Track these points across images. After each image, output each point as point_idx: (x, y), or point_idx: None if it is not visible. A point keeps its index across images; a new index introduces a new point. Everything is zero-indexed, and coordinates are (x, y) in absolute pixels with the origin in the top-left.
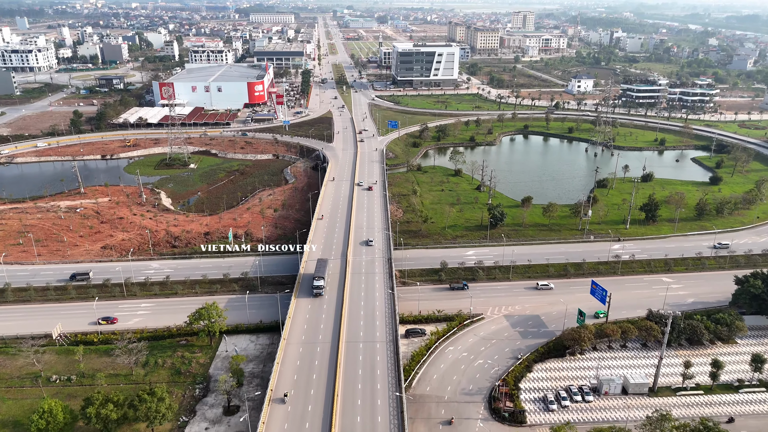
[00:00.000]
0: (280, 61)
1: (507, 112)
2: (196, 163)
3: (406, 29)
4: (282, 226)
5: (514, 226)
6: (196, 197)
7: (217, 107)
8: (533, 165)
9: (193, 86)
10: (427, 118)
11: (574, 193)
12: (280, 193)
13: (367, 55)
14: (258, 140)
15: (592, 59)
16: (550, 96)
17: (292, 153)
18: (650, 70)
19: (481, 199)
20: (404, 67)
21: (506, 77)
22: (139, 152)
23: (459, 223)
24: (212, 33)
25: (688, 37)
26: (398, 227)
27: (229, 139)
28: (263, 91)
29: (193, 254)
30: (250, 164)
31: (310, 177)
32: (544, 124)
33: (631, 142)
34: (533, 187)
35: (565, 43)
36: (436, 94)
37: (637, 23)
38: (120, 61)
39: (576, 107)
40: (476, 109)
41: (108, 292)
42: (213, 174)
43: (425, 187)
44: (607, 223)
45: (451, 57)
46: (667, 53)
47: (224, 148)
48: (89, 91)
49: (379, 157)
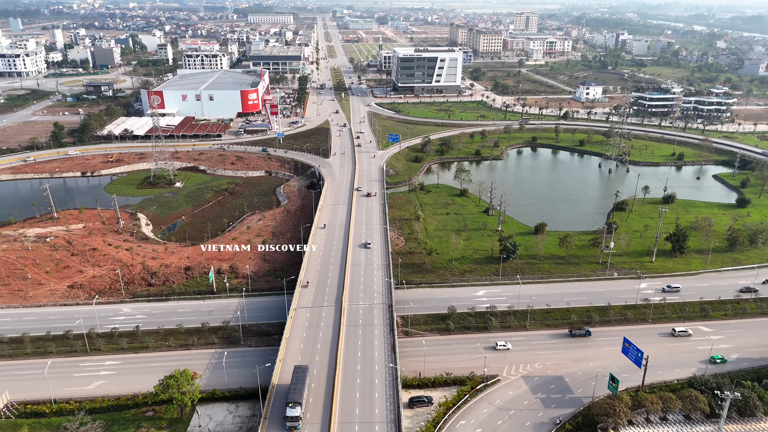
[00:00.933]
0: (277, 66)
1: (514, 122)
2: (183, 180)
3: (406, 30)
4: (271, 259)
5: (527, 258)
6: (180, 222)
7: (209, 117)
8: (544, 183)
9: (183, 95)
10: (429, 128)
11: (590, 216)
12: (271, 217)
13: (367, 59)
14: (250, 155)
15: (599, 63)
16: (558, 104)
17: (285, 169)
18: (660, 76)
19: (489, 224)
20: (405, 73)
21: (511, 83)
22: (123, 168)
23: (467, 254)
24: (209, 35)
25: (694, 39)
26: (400, 259)
27: (219, 153)
28: (257, 99)
29: (170, 295)
30: (241, 182)
31: (304, 198)
32: (553, 135)
33: (647, 157)
34: (546, 210)
35: (569, 45)
36: (439, 102)
37: (641, 24)
38: (111, 65)
39: (586, 116)
40: (481, 118)
41: (68, 346)
42: (200, 194)
43: (429, 209)
44: (630, 254)
45: (454, 62)
46: (675, 57)
47: (213, 163)
48: (76, 99)
49: (379, 175)
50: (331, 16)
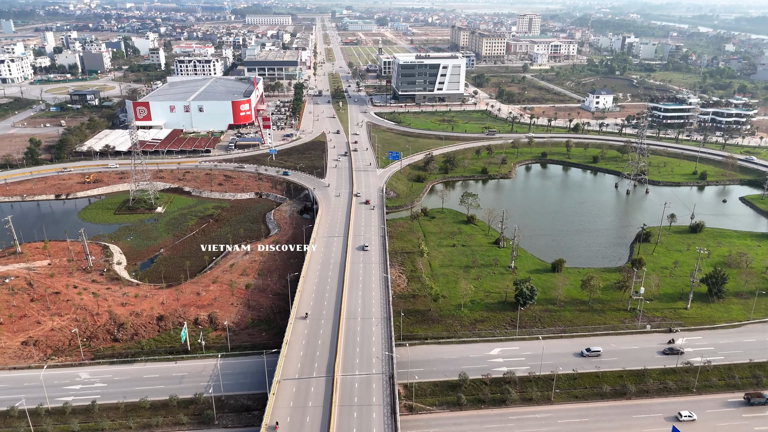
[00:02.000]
0: (273, 72)
1: (521, 135)
2: (165, 204)
3: (406, 32)
4: (256, 305)
5: (546, 303)
6: (158, 256)
7: (199, 129)
8: (557, 207)
9: (171, 106)
10: (432, 142)
11: (611, 249)
12: (259, 251)
13: (366, 63)
14: (239, 174)
15: (605, 68)
16: (566, 114)
17: (277, 191)
18: (671, 82)
19: (501, 259)
20: (406, 81)
21: (516, 90)
22: (101, 190)
23: (478, 298)
24: (204, 37)
25: (700, 42)
26: (402, 304)
27: (207, 172)
28: (250, 110)
29: (137, 355)
30: (228, 206)
31: (296, 226)
32: (563, 150)
33: (666, 175)
34: (562, 241)
35: (575, 49)
36: (441, 111)
37: (645, 26)
38: (101, 71)
39: (597, 129)
40: (486, 130)
41: (10, 427)
42: (182, 221)
43: (433, 240)
44: (662, 298)
45: (457, 69)
46: (685, 61)
47: (199, 184)
48: (60, 109)
49: (378, 199)
50: (330, 16)
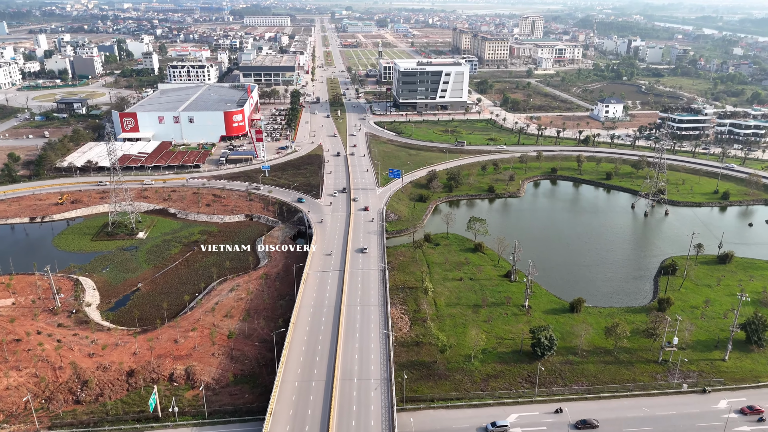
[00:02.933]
0: (269, 77)
1: (529, 148)
2: (148, 229)
3: (407, 34)
4: (240, 356)
5: (566, 353)
6: (136, 292)
7: (189, 141)
8: (570, 231)
9: (160, 116)
10: (434, 155)
11: (633, 283)
12: (246, 287)
13: (366, 68)
14: (229, 193)
15: (612, 72)
16: (575, 124)
17: (269, 213)
18: (681, 88)
19: (514, 296)
20: (407, 89)
21: (520, 96)
22: (81, 211)
23: (489, 346)
24: (201, 39)
25: (706, 45)
26: (404, 354)
27: (195, 190)
28: (243, 121)
29: (100, 424)
30: (215, 230)
31: (288, 255)
32: (574, 165)
33: (685, 194)
34: (579, 274)
35: (579, 53)
36: (444, 121)
37: (649, 28)
38: (92, 76)
39: (609, 141)
40: (491, 142)
41: None
42: (165, 248)
43: (438, 272)
44: (695, 347)
45: (460, 77)
46: (693, 66)
47: (186, 205)
48: (45, 118)
49: (378, 224)
50: (329, 17)
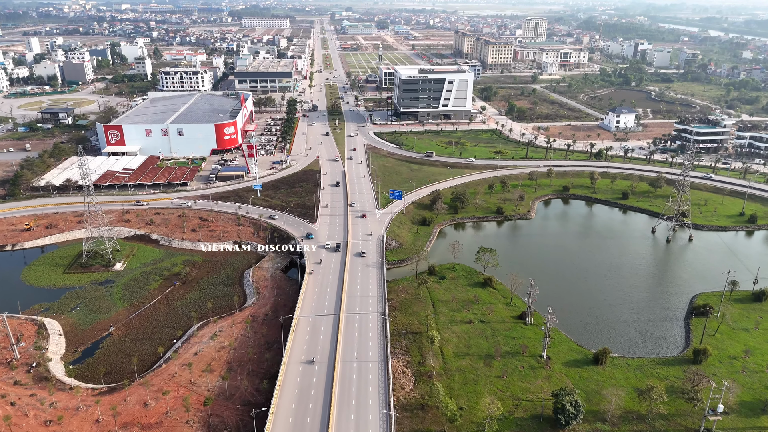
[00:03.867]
0: (265, 84)
1: (538, 163)
2: (126, 258)
3: (407, 36)
4: (219, 424)
5: (593, 419)
6: (107, 337)
7: (178, 154)
8: (586, 260)
9: (147, 129)
10: (437, 171)
11: (662, 327)
12: (229, 331)
13: (366, 72)
14: (218, 216)
15: (620, 78)
16: (585, 135)
17: (259, 239)
18: (692, 96)
19: (530, 344)
20: (408, 97)
21: (526, 104)
22: (55, 238)
23: (506, 409)
24: (197, 42)
25: (714, 47)
26: (407, 422)
27: (180, 213)
28: (235, 133)
29: None
30: (200, 260)
31: (278, 292)
32: (587, 182)
33: (709, 217)
34: (600, 315)
35: (585, 57)
36: (447, 131)
37: (654, 29)
38: (82, 82)
39: (622, 155)
40: (497, 155)
41: None
42: (144, 282)
43: (445, 313)
44: (739, 410)
45: (464, 85)
46: (704, 71)
47: (170, 230)
48: (29, 129)
49: (378, 255)
50: (329, 18)
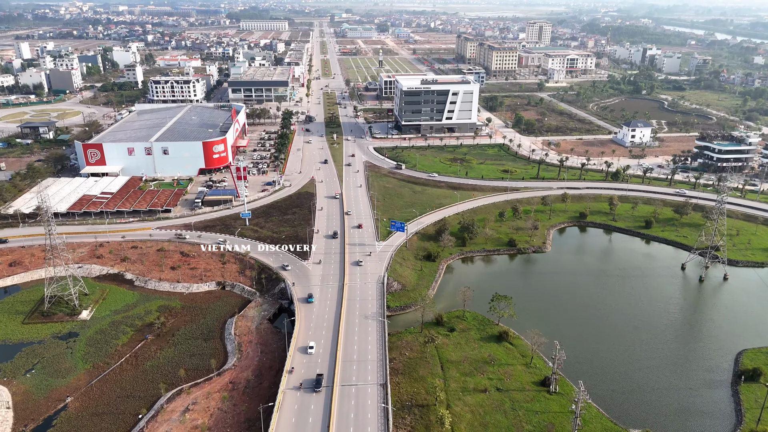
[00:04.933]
0: (260, 93)
1: (551, 185)
2: (95, 304)
3: (408, 39)
4: None
5: None
6: (63, 410)
7: (164, 174)
8: (611, 304)
9: (129, 148)
10: (443, 193)
11: (708, 395)
12: (204, 404)
13: (365, 79)
14: (200, 251)
15: (630, 85)
16: (600, 152)
17: (246, 279)
18: (708, 106)
19: (557, 421)
20: (410, 109)
21: (534, 115)
22: (19, 278)
23: None
24: (193, 46)
25: (722, 52)
26: None
27: (159, 247)
28: (225, 151)
29: None
30: (179, 306)
31: (263, 350)
32: (606, 208)
33: (743, 250)
34: (635, 380)
35: (592, 62)
36: (451, 146)
37: (659, 33)
38: (70, 91)
39: (641, 175)
40: (505, 174)
41: None
42: (111, 336)
43: (455, 377)
44: None
45: (469, 96)
46: (716, 78)
47: (147, 268)
48: (7, 144)
49: (377, 302)
50: (328, 21)
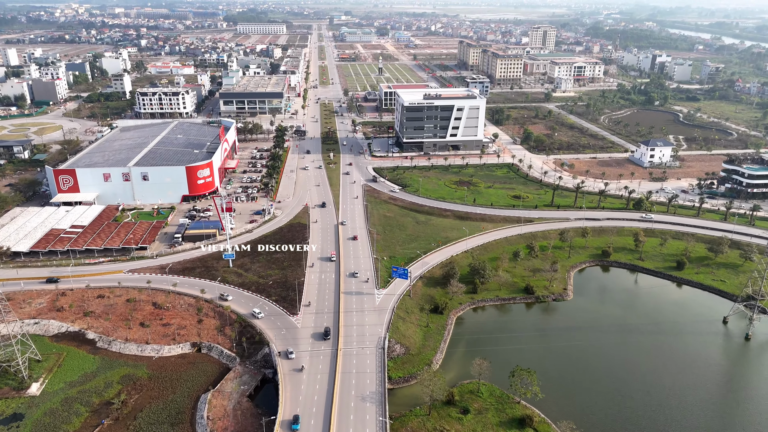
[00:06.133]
0: (254, 105)
1: (569, 215)
2: (48, 374)
3: (408, 44)
4: None
5: None
6: None
7: (143, 202)
8: (648, 368)
9: (105, 173)
10: (449, 224)
11: None
12: None
13: (365, 88)
14: (177, 299)
15: (641, 95)
16: (618, 175)
17: (224, 340)
18: (728, 120)
19: None
20: (412, 126)
21: (542, 129)
22: None
23: None
24: (187, 51)
25: (732, 57)
26: None
27: (129, 296)
28: (210, 175)
29: None
30: (145, 376)
31: None
32: (631, 243)
33: None
34: None
35: (600, 70)
36: (457, 166)
37: (665, 37)
38: (54, 102)
39: (665, 201)
40: (516, 201)
41: None
42: (62, 419)
43: None
44: None
45: (475, 112)
46: (731, 88)
47: (113, 323)
48: None
49: (376, 380)
50: (327, 23)
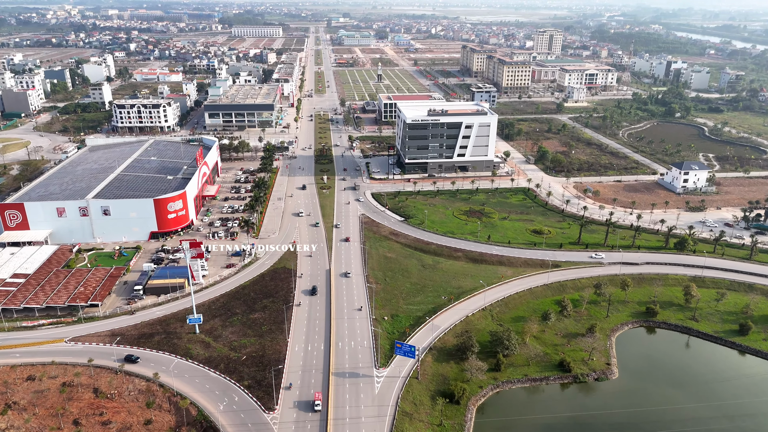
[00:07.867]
0: (242, 118)
1: (601, 256)
2: None
3: (408, 48)
4: None
5: None
6: None
7: (104, 240)
8: None
9: (59, 208)
10: (460, 270)
11: None
12: None
13: (363, 97)
14: (124, 384)
15: (660, 105)
16: (650, 205)
17: None
18: (759, 135)
19: None
20: (415, 145)
21: (558, 145)
22: None
23: None
24: (177, 56)
25: (746, 62)
26: None
27: (65, 379)
28: (184, 208)
29: None
30: None
31: None
32: (679, 296)
33: None
34: None
35: (613, 78)
36: (465, 191)
37: (674, 41)
38: (26, 114)
39: (711, 239)
40: (535, 237)
41: None
42: None
43: None
44: None
45: (485, 129)
46: (755, 98)
47: (38, 422)
48: None
49: None
50: (325, 25)
